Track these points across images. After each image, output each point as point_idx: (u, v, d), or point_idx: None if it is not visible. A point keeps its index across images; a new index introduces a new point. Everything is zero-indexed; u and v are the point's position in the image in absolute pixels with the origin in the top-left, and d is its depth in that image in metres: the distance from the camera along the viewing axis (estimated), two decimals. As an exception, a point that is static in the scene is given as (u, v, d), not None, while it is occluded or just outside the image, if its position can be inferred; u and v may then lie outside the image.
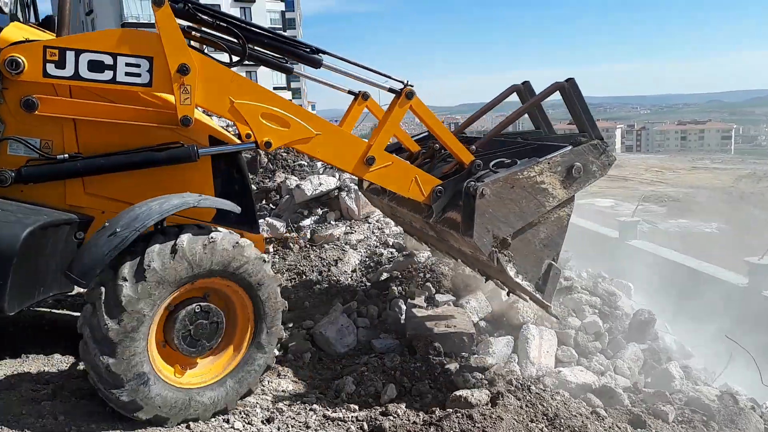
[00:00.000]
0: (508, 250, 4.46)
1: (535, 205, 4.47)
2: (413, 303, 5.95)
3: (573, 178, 4.51)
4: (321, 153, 4.62)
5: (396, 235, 7.78)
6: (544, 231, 4.61)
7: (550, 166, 4.47)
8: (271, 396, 4.35)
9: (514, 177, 4.39)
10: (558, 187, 4.51)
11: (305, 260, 7.54)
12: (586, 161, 4.55)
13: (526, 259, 4.55)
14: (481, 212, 4.33)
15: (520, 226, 4.47)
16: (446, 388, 4.57)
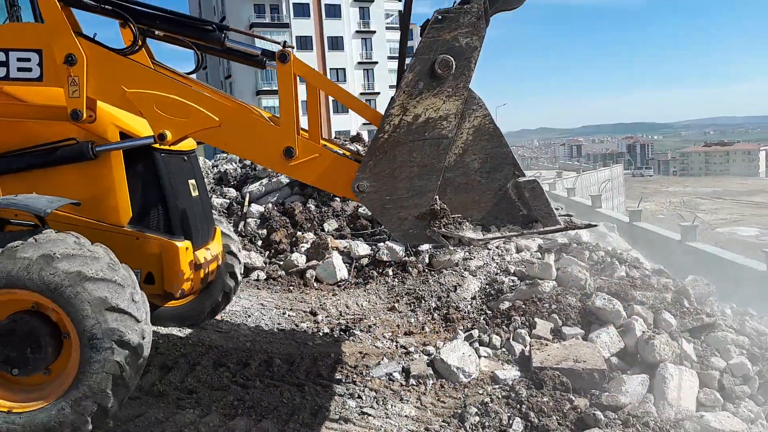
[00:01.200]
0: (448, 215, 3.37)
1: (433, 146, 3.30)
2: (538, 335, 5.75)
3: (445, 76, 3.21)
4: (230, 146, 3.92)
5: (518, 263, 7.60)
6: (473, 158, 3.35)
7: (408, 93, 3.25)
8: (395, 420, 4.35)
9: (380, 142, 3.31)
10: (439, 103, 3.26)
11: (424, 285, 7.56)
12: (447, 47, 3.20)
13: (481, 203, 3.38)
14: (379, 207, 3.40)
15: (436, 181, 3.34)
16: (575, 426, 4.34)
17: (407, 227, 3.38)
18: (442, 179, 3.32)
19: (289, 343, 5.94)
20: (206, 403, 4.35)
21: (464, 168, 3.34)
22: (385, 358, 5.55)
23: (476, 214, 3.36)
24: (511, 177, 3.33)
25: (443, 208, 3.33)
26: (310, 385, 4.85)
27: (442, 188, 3.33)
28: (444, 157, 3.30)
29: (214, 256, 5.01)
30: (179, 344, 5.46)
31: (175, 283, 4.47)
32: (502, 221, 3.37)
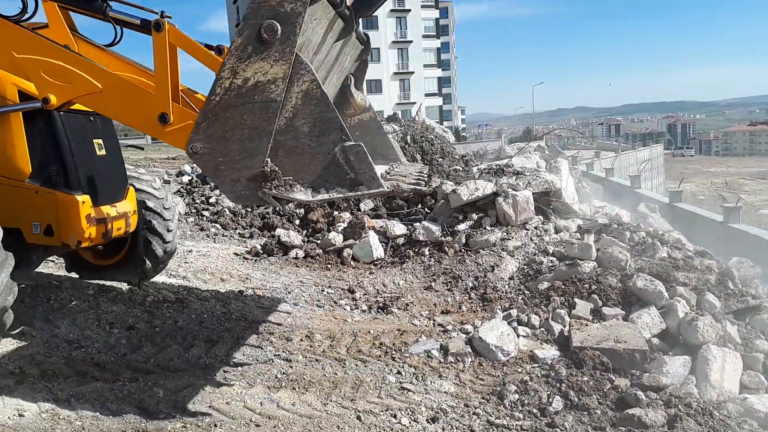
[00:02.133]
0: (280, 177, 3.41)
1: (262, 110, 3.35)
2: (578, 315, 5.72)
3: (271, 41, 3.27)
4: (111, 111, 4.13)
5: (556, 243, 7.54)
6: (302, 122, 3.40)
7: (237, 57, 3.31)
8: (434, 396, 4.41)
9: (212, 105, 3.37)
10: (267, 67, 3.31)
11: (460, 264, 7.57)
12: (272, 12, 3.26)
13: (311, 165, 3.43)
14: (212, 168, 3.47)
15: (267, 144, 3.39)
16: (616, 405, 4.33)
17: (240, 189, 3.45)
18: (273, 142, 3.37)
19: (329, 320, 6.04)
20: (251, 376, 4.48)
21: (294, 132, 3.39)
22: (423, 335, 5.61)
23: (306, 176, 3.41)
24: (338, 141, 3.38)
25: (274, 170, 3.39)
26: (351, 360, 4.95)
27: (274, 151, 3.39)
28: (274, 120, 3.34)
29: (122, 213, 5.23)
30: (223, 319, 5.61)
31: (71, 235, 4.79)
32: (331, 184, 3.42)
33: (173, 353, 4.76)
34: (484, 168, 9.53)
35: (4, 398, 3.85)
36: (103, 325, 5.18)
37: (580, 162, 27.09)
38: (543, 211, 8.53)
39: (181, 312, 5.67)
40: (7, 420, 3.62)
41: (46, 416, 3.70)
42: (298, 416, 3.96)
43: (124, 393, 4.04)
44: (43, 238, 4.76)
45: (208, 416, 3.84)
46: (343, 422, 3.93)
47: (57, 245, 4.87)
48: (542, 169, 9.54)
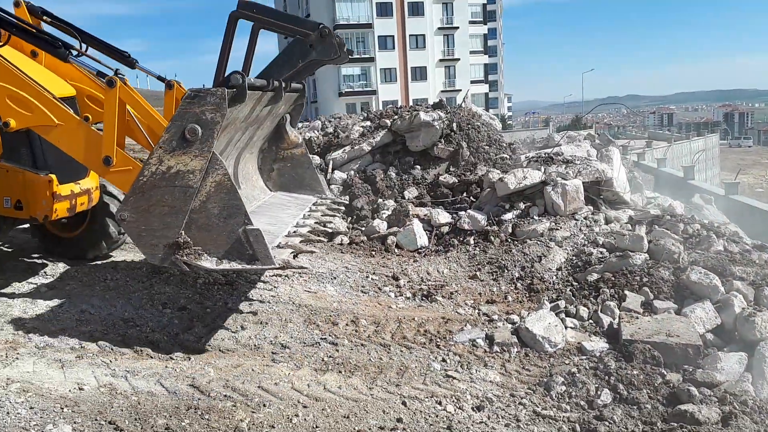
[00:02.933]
0: (192, 248, 4.16)
1: (181, 193, 4.12)
2: (628, 308, 5.59)
3: (193, 141, 4.06)
4: (64, 145, 4.69)
5: (607, 234, 7.36)
6: (214, 205, 4.17)
7: (164, 148, 4.11)
8: (479, 385, 4.40)
9: (141, 183, 4.14)
10: (188, 160, 4.10)
11: (506, 254, 7.49)
12: (194, 117, 4.06)
13: (218, 241, 4.18)
14: (136, 235, 4.20)
15: (182, 220, 4.14)
16: (667, 400, 4.23)
17: (157, 252, 4.17)
18: (188, 218, 4.13)
19: (374, 305, 6.08)
20: (299, 358, 4.56)
21: (206, 212, 4.17)
22: (467, 324, 5.59)
23: (213, 249, 4.17)
24: (242, 224, 4.15)
25: (186, 241, 4.15)
26: (396, 346, 4.98)
27: (188, 226, 4.14)
28: (190, 201, 4.10)
29: (84, 190, 5.74)
30: (272, 302, 5.71)
31: (39, 210, 5.36)
32: (233, 256, 4.18)
33: (224, 334, 4.88)
34: (532, 156, 9.37)
35: (66, 372, 4.03)
36: (156, 305, 5.35)
37: (630, 152, 26.34)
38: (593, 201, 8.33)
39: (231, 294, 5.80)
40: (68, 393, 3.79)
41: (105, 390, 3.85)
42: (344, 399, 4.01)
43: (177, 371, 4.17)
44: (13, 211, 5.45)
45: (257, 396, 3.93)
46: (389, 407, 3.96)
47: (25, 218, 5.52)
48: (593, 157, 9.30)
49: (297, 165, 6.60)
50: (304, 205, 6.30)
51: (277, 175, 6.67)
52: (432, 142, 10.90)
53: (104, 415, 3.58)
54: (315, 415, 3.78)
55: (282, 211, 6.00)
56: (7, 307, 5.04)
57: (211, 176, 4.15)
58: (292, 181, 6.70)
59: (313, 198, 6.59)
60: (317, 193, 6.70)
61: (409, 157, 11.34)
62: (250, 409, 3.77)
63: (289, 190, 6.68)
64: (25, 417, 3.49)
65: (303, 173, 6.64)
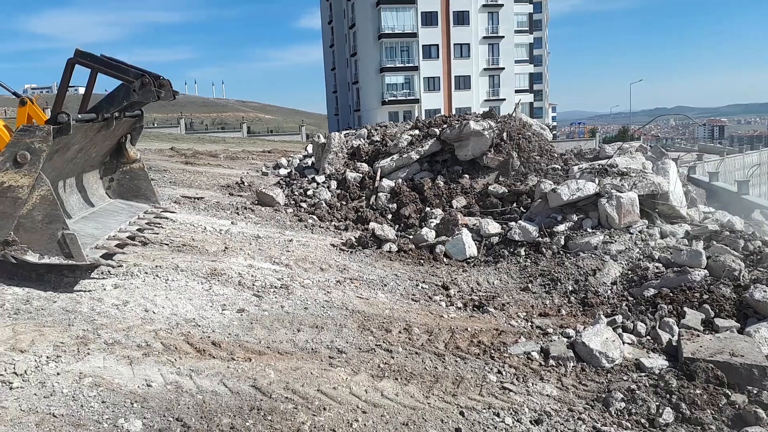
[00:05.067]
0: (19, 245, 5.28)
1: (11, 202, 5.19)
2: (687, 325, 5.47)
3: (22, 164, 5.16)
4: None
5: (663, 249, 7.21)
6: (38, 213, 5.28)
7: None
8: (536, 398, 4.37)
9: None
10: (19, 178, 5.17)
11: (559, 267, 7.40)
12: (25, 146, 5.18)
13: (40, 240, 5.31)
14: None
15: (12, 224, 5.23)
16: (732, 422, 4.12)
17: None
18: (17, 222, 5.25)
19: (426, 314, 6.10)
20: (355, 363, 4.61)
21: (32, 218, 5.30)
22: (521, 336, 5.55)
23: (37, 247, 5.34)
24: (61, 229, 5.32)
25: (14, 239, 5.29)
26: (450, 356, 4.98)
27: (17, 228, 5.27)
28: (19, 209, 5.23)
29: None
30: (326, 306, 5.80)
31: None
32: (52, 253, 5.34)
33: (282, 336, 4.98)
34: (585, 167, 9.25)
35: (134, 368, 4.18)
36: (216, 307, 5.49)
37: (680, 165, 25.65)
38: (648, 214, 8.17)
39: (287, 298, 5.91)
40: (137, 389, 3.93)
41: (171, 388, 3.98)
42: (402, 407, 4.04)
43: (238, 371, 4.27)
44: None
45: (317, 399, 3.99)
46: (447, 416, 3.97)
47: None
48: (648, 170, 9.13)
49: (135, 177, 7.90)
50: (135, 213, 7.49)
51: (116, 185, 7.88)
52: (481, 152, 10.89)
53: (172, 412, 3.70)
54: (374, 421, 3.82)
55: (112, 217, 7.08)
56: (76, 303, 5.25)
57: (37, 191, 5.28)
58: (129, 191, 7.93)
59: (146, 206, 7.89)
60: (151, 202, 8.04)
61: (458, 167, 11.35)
62: (311, 412, 3.83)
63: (127, 198, 7.89)
64: (98, 410, 3.63)
65: (140, 184, 7.96)
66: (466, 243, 8.53)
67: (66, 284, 5.68)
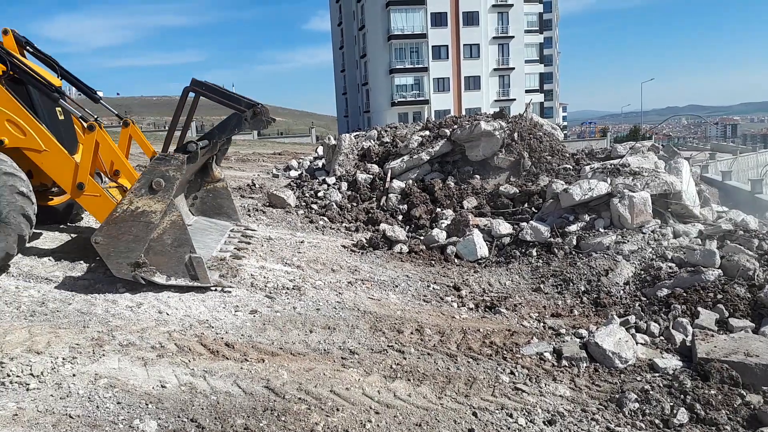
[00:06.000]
0: (149, 267, 5.56)
1: (144, 226, 5.47)
2: (701, 325, 5.43)
3: (157, 190, 5.47)
4: (47, 168, 5.86)
5: (676, 249, 7.16)
6: (168, 237, 5.58)
7: (135, 193, 5.49)
8: (549, 399, 4.36)
9: (114, 217, 5.46)
10: (153, 203, 5.47)
11: (571, 267, 7.37)
12: (161, 174, 5.49)
13: (168, 263, 5.63)
14: (106, 255, 5.50)
15: (144, 247, 5.51)
16: (747, 423, 4.08)
17: (122, 269, 5.55)
18: (148, 245, 5.53)
19: (437, 315, 6.10)
20: (368, 364, 4.62)
21: (162, 243, 5.60)
22: (534, 337, 5.53)
23: (164, 269, 5.64)
24: (188, 252, 5.66)
25: (144, 261, 5.56)
26: (462, 357, 4.98)
27: (147, 251, 5.55)
28: (150, 233, 5.50)
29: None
30: (338, 307, 5.81)
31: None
32: (179, 275, 5.68)
33: (294, 337, 5.00)
34: (597, 167, 9.20)
35: (148, 369, 4.22)
36: (228, 308, 5.52)
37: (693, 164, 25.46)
38: (660, 214, 8.12)
39: (299, 299, 5.94)
40: (152, 390, 3.96)
41: (185, 389, 4.01)
42: (415, 407, 4.05)
43: (252, 372, 4.30)
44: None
45: (330, 400, 4.01)
46: (460, 417, 3.97)
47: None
48: (661, 169, 9.07)
49: (218, 196, 8.13)
50: (223, 231, 7.81)
51: (200, 203, 8.10)
52: (492, 152, 10.86)
53: (186, 413, 3.73)
54: (387, 421, 3.83)
55: (205, 235, 7.34)
56: (91, 305, 5.31)
57: (168, 216, 5.58)
58: (212, 209, 8.15)
59: (230, 224, 8.14)
60: (233, 220, 8.29)
61: (468, 167, 11.33)
62: (324, 413, 3.85)
63: (209, 216, 8.10)
64: (113, 411, 3.67)
65: (222, 202, 8.18)
66: (477, 244, 8.51)
67: (80, 286, 5.74)
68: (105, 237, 5.49)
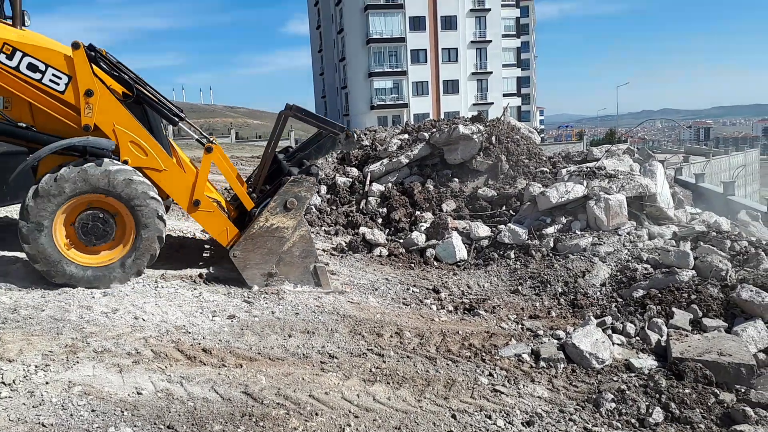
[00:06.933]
0: (278, 276, 6.28)
1: (277, 240, 6.21)
2: (676, 325, 5.52)
3: (291, 209, 6.18)
4: (165, 186, 6.18)
5: (651, 250, 7.27)
6: (297, 249, 6.32)
7: (271, 212, 6.15)
8: (528, 400, 4.39)
9: (251, 233, 6.14)
10: (285, 220, 6.19)
11: (549, 269, 7.45)
12: (294, 194, 6.18)
13: (295, 272, 6.38)
14: (242, 266, 6.20)
15: (276, 259, 6.24)
16: (721, 421, 4.16)
17: (256, 279, 6.25)
18: (279, 257, 6.28)
19: (417, 318, 6.11)
20: (347, 368, 4.61)
21: (291, 254, 6.35)
22: (512, 339, 5.57)
23: (292, 277, 6.40)
24: (313, 262, 6.47)
25: (275, 272, 6.30)
26: (441, 360, 4.99)
27: (278, 262, 6.29)
28: (282, 246, 6.27)
29: None
30: (317, 311, 5.78)
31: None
32: (304, 282, 6.43)
33: (273, 342, 4.97)
34: (573, 170, 9.31)
35: (124, 376, 4.15)
36: (206, 313, 5.46)
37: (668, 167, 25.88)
38: (636, 216, 8.24)
39: (278, 303, 5.90)
40: (128, 396, 3.90)
41: (162, 395, 3.95)
42: (394, 411, 4.05)
43: (229, 378, 4.26)
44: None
45: (308, 405, 3.99)
46: (439, 420, 3.98)
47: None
48: (636, 172, 9.21)
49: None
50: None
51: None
52: (470, 155, 10.92)
53: (163, 420, 3.67)
54: (367, 425, 3.82)
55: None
56: (65, 312, 5.21)
57: (298, 230, 6.30)
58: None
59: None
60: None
61: (447, 170, 11.37)
62: (303, 418, 3.82)
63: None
64: (87, 419, 3.60)
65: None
66: (457, 246, 8.55)
67: (54, 292, 5.64)
68: (242, 251, 6.15)
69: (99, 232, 5.80)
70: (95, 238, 5.81)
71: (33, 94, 5.83)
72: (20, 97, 5.87)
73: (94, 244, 5.83)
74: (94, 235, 5.80)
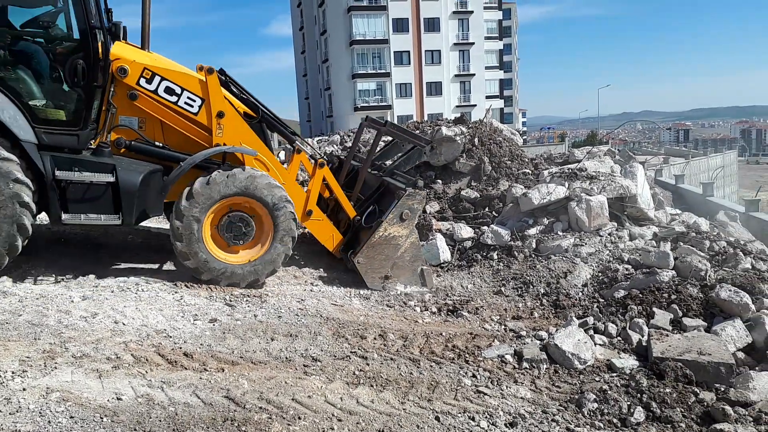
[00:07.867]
0: (392, 279, 7.04)
1: (393, 247, 6.98)
2: (657, 325, 5.57)
3: (405, 219, 6.95)
4: None
5: (632, 251, 7.34)
6: (408, 254, 7.09)
7: (389, 222, 6.91)
8: (511, 401, 4.40)
9: (372, 241, 6.87)
10: (401, 230, 6.96)
11: (531, 270, 7.48)
12: (409, 206, 6.96)
13: (406, 274, 7.14)
14: (364, 271, 6.95)
15: (391, 264, 7.00)
16: (701, 419, 4.21)
17: (375, 282, 7.00)
18: (393, 262, 7.03)
19: (400, 320, 6.10)
20: (330, 371, 4.58)
21: (403, 259, 7.10)
22: (495, 340, 5.59)
23: (403, 279, 7.13)
24: (421, 265, 7.26)
25: (390, 275, 7.04)
26: (425, 361, 4.99)
27: (392, 266, 7.04)
28: (397, 252, 7.02)
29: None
30: (300, 314, 5.76)
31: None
32: (412, 283, 7.17)
33: (255, 346, 4.93)
34: (555, 172, 9.37)
35: (103, 381, 4.09)
36: (187, 317, 5.41)
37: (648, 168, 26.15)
38: (617, 217, 8.32)
39: (260, 306, 5.86)
40: (107, 402, 3.84)
41: (142, 401, 3.90)
42: (378, 413, 4.03)
43: (211, 382, 4.21)
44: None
45: (291, 408, 3.96)
46: (422, 422, 3.98)
47: None
48: (617, 173, 9.30)
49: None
50: None
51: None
52: (454, 157, 10.94)
53: (143, 426, 3.62)
54: (350, 428, 3.80)
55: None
56: (43, 317, 5.12)
57: (410, 237, 7.06)
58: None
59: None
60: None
61: (431, 172, 11.37)
62: (286, 422, 3.80)
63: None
64: (66, 426, 3.54)
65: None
66: (440, 248, 8.56)
67: (32, 297, 5.54)
68: (365, 258, 6.89)
69: (241, 232, 6.24)
70: (238, 237, 6.25)
71: (168, 116, 6.35)
72: (154, 117, 6.37)
73: (236, 244, 6.27)
74: (237, 235, 6.24)
